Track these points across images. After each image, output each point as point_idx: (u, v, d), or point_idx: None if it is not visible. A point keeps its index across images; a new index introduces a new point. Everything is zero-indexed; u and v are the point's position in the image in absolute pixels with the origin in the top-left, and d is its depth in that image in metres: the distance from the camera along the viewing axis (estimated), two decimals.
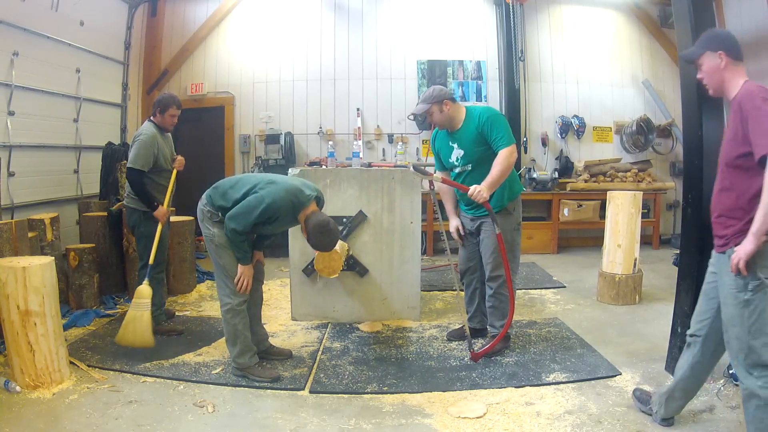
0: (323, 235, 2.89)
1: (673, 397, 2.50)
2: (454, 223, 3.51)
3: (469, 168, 3.30)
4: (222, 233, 2.98)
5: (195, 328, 3.94)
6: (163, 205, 3.71)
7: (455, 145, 3.32)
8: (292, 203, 2.88)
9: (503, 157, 3.13)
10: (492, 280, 3.37)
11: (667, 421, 2.53)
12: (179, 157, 3.91)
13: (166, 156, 3.78)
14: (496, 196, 3.24)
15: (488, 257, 3.35)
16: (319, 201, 3.05)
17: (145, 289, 3.47)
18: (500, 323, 3.40)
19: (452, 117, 3.28)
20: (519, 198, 3.40)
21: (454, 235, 3.52)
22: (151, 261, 3.63)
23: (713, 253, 2.29)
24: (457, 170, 3.37)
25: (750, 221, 2.03)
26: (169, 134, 3.91)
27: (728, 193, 2.16)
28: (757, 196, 1.99)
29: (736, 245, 2.09)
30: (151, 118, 3.80)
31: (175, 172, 3.88)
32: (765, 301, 2.07)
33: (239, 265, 2.99)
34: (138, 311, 3.37)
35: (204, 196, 3.09)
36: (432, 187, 3.33)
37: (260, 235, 3.17)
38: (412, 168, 3.25)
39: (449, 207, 3.57)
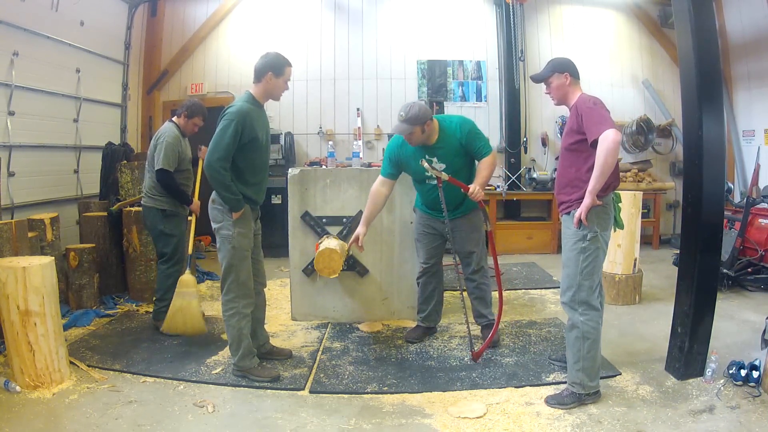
0: (265, 56, 2.99)
1: None
2: (362, 230, 3.37)
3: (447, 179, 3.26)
4: (239, 234, 2.94)
5: None
6: (194, 198, 3.92)
7: (435, 159, 3.26)
8: (248, 100, 2.96)
9: (490, 162, 3.31)
10: (475, 273, 3.53)
11: None
12: (204, 148, 3.81)
13: (187, 157, 3.86)
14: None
15: (468, 253, 3.49)
16: None
17: (188, 278, 3.62)
18: (486, 310, 3.61)
19: (431, 134, 3.25)
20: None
21: (357, 242, 3.37)
22: (189, 251, 3.85)
23: (562, 216, 2.87)
24: (433, 183, 3.31)
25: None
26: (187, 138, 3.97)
27: (570, 169, 2.80)
28: (589, 171, 2.62)
29: (577, 208, 2.70)
30: (174, 119, 3.86)
31: (201, 162, 3.83)
32: (597, 251, 2.71)
33: (233, 213, 2.90)
34: (185, 300, 3.52)
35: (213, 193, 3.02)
36: (440, 185, 3.31)
37: (256, 167, 3.04)
38: (426, 164, 3.20)
39: (367, 215, 3.41)
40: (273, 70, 2.96)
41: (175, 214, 3.79)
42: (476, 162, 3.42)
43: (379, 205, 3.45)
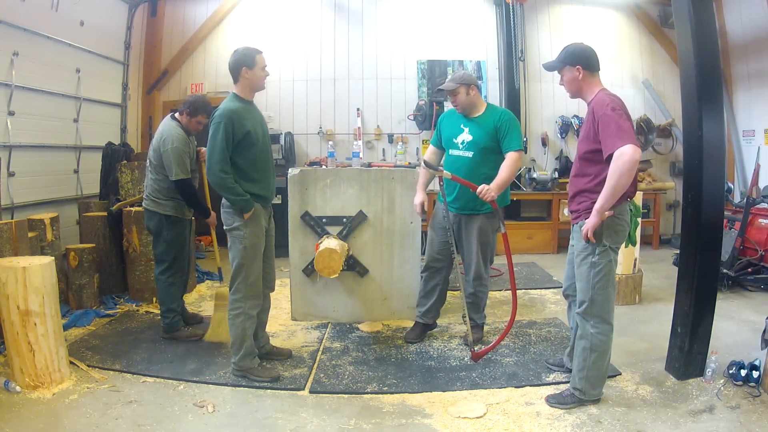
0: (234, 54, 2.95)
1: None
2: (419, 198, 3.60)
3: (470, 155, 3.39)
4: (251, 234, 2.95)
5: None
6: (211, 210, 3.79)
7: (466, 129, 3.44)
8: (232, 99, 2.93)
9: (512, 160, 3.29)
10: (475, 278, 3.51)
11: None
12: (203, 150, 3.66)
13: (193, 158, 3.72)
14: None
15: (472, 256, 3.47)
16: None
17: (224, 291, 3.53)
18: (477, 315, 3.63)
19: (474, 103, 3.44)
20: (504, 207, 3.56)
21: (417, 209, 3.61)
22: (218, 263, 3.92)
23: (572, 226, 2.73)
24: (456, 153, 3.46)
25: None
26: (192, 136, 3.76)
27: (582, 178, 2.63)
28: (602, 184, 2.45)
29: (585, 219, 2.55)
30: (176, 115, 3.62)
31: (203, 164, 3.66)
32: (608, 265, 2.57)
33: (244, 213, 2.91)
34: (224, 312, 3.41)
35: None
36: (442, 183, 3.38)
37: (258, 163, 3.03)
38: (423, 163, 3.34)
39: (422, 181, 3.64)
40: (246, 64, 2.94)
41: (179, 219, 3.66)
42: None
43: (427, 173, 3.59)
